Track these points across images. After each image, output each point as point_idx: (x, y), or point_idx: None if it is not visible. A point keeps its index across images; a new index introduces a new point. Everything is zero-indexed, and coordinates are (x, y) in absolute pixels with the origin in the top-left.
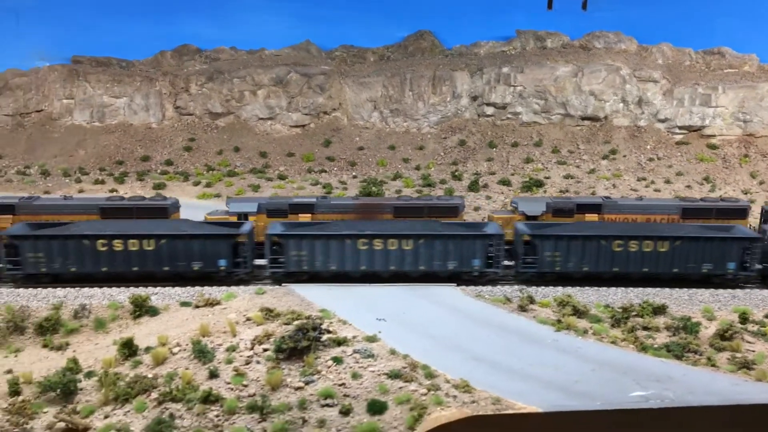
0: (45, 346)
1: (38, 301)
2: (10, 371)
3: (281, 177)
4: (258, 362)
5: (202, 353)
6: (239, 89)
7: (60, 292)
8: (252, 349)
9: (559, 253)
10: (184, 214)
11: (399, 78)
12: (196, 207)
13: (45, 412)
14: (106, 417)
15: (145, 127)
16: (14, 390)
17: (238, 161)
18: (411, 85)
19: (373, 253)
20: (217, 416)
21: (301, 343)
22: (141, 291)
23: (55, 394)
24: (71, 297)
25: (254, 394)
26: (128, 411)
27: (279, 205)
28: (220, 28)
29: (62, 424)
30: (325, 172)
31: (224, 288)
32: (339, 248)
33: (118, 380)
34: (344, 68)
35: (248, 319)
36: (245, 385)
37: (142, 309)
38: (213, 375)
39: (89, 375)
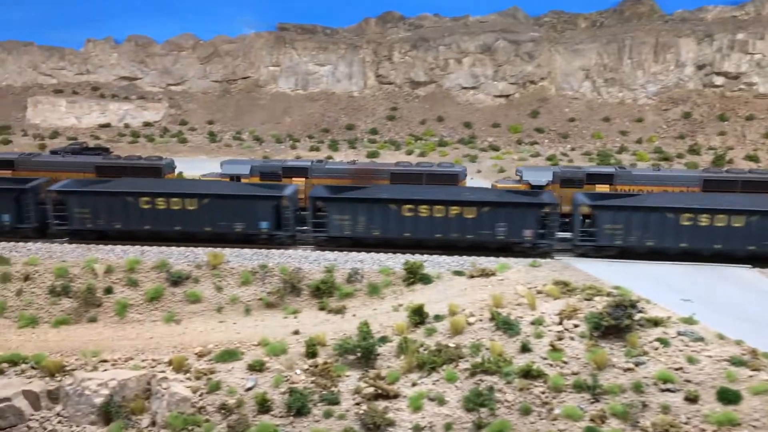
0: (321, 308)
1: (309, 263)
2: (297, 332)
3: (494, 148)
4: (572, 338)
5: (507, 325)
6: (444, 57)
7: (330, 255)
8: (561, 323)
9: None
10: None
11: (616, 45)
12: None
13: (347, 376)
14: (413, 385)
15: (347, 95)
16: (311, 351)
17: (443, 131)
18: (630, 52)
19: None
20: (542, 393)
21: (623, 321)
22: (416, 258)
23: (355, 358)
24: (341, 261)
25: (578, 372)
26: (437, 380)
27: (273, 168)
28: None
29: (371, 390)
30: (537, 143)
31: (492, 258)
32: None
33: (420, 348)
34: (554, 35)
35: (539, 292)
36: (565, 362)
37: (415, 276)
38: (525, 349)
39: (383, 340)
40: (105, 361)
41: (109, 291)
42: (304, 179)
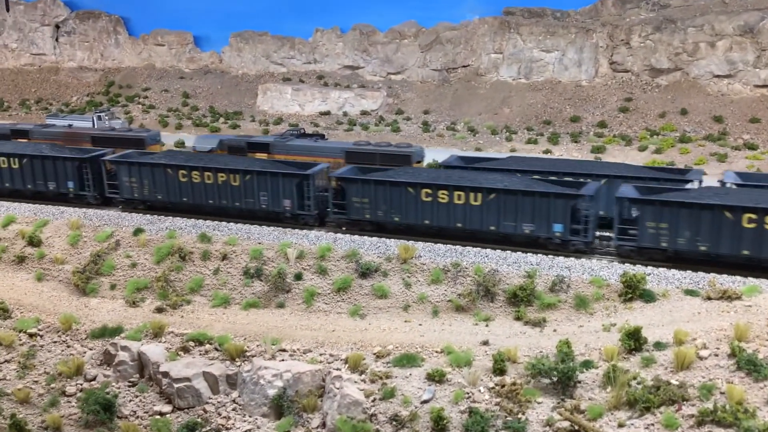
0: (517, 318)
1: (508, 265)
2: (486, 342)
3: (750, 147)
4: None
5: (752, 365)
6: (693, 40)
7: (533, 258)
8: None
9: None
10: None
11: None
12: None
13: (539, 403)
14: (620, 425)
15: (574, 84)
16: (499, 368)
17: (686, 126)
18: None
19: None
20: None
21: None
22: (637, 269)
23: (550, 383)
24: (545, 265)
25: None
26: (651, 424)
27: (1, 130)
28: None
29: (566, 423)
30: None
31: (739, 278)
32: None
33: (633, 380)
34: None
35: None
36: None
37: (635, 291)
38: None
39: (586, 365)
40: (284, 350)
41: (299, 277)
42: (27, 139)
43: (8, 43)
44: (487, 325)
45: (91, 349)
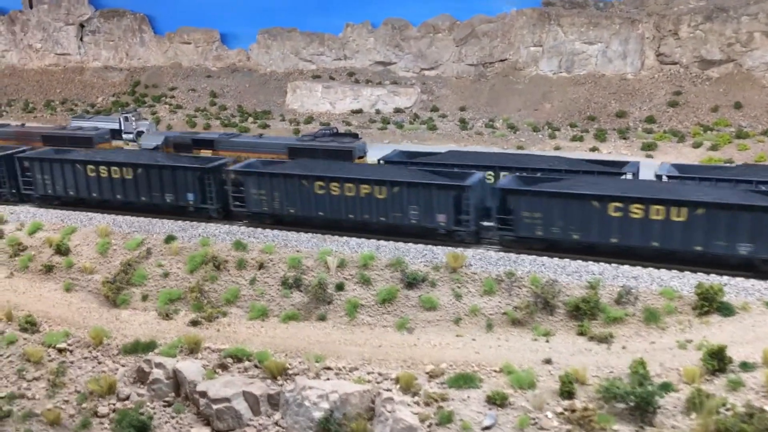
0: (581, 333)
1: (567, 275)
2: (548, 361)
3: None
4: None
5: None
6: (747, 30)
7: (594, 267)
8: None
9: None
10: None
11: None
12: None
13: (615, 431)
14: None
15: (620, 78)
16: (567, 390)
17: (741, 120)
18: None
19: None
20: None
21: None
22: (712, 279)
23: (626, 408)
24: (608, 275)
25: None
26: None
27: None
28: None
29: None
30: None
31: None
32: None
33: (722, 407)
34: None
35: None
36: None
37: (711, 304)
38: None
39: (665, 388)
40: (329, 368)
41: (340, 287)
42: None
43: (32, 43)
44: (547, 341)
45: (123, 366)
